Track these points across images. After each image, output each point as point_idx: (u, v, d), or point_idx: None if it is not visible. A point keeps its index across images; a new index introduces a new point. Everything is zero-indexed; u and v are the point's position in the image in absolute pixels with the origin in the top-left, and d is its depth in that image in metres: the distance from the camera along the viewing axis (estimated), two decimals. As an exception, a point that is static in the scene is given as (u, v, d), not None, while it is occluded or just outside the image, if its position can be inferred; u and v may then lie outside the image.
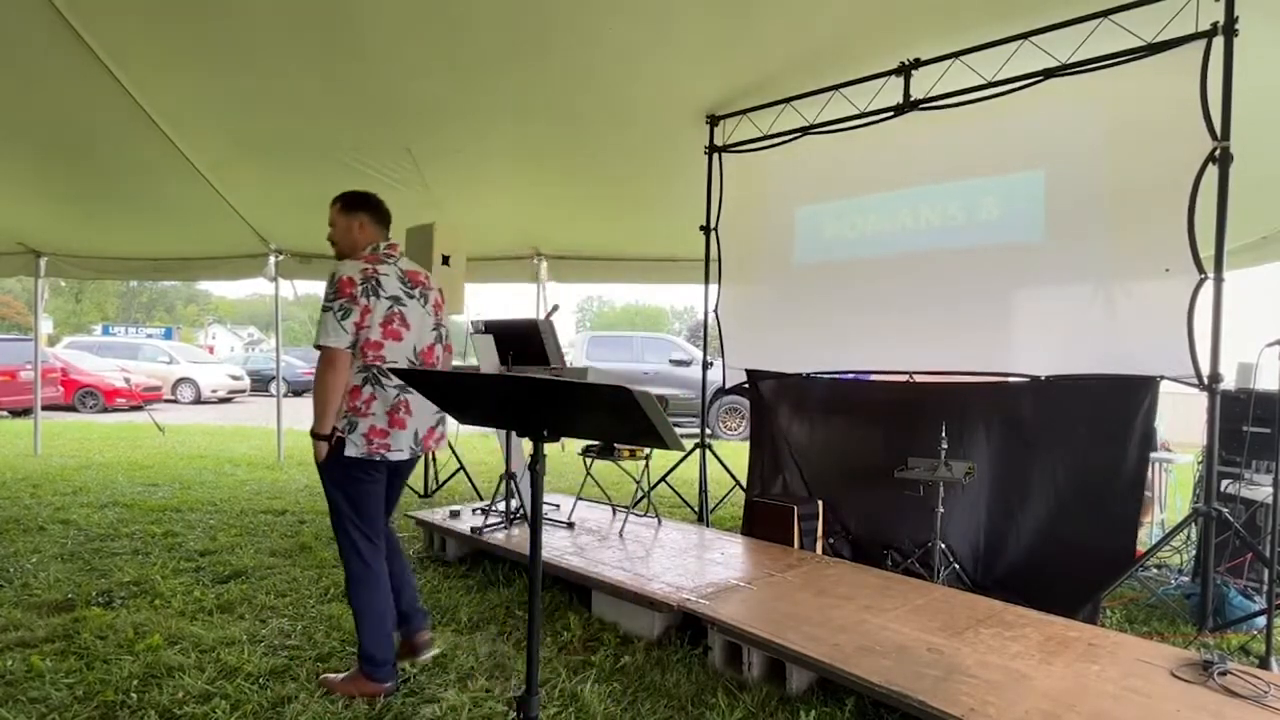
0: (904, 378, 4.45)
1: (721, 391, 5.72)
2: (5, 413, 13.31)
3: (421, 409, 2.70)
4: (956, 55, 4.00)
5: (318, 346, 2.56)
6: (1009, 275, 4.04)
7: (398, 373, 2.63)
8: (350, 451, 2.57)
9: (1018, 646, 2.70)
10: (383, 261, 2.70)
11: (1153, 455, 3.90)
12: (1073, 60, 3.69)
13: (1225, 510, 3.38)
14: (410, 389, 2.65)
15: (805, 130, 4.77)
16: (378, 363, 2.60)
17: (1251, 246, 6.05)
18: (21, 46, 4.33)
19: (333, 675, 2.76)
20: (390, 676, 2.67)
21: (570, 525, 4.47)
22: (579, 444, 5.05)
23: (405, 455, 2.69)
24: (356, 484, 2.64)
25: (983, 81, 3.95)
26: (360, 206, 2.84)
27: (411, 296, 2.73)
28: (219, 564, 4.22)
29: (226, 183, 6.36)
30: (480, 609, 3.55)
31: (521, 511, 4.53)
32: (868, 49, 4.22)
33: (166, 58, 4.56)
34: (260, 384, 20.80)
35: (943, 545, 3.80)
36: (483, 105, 5.04)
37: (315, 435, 2.58)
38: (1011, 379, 4.04)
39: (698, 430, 5.58)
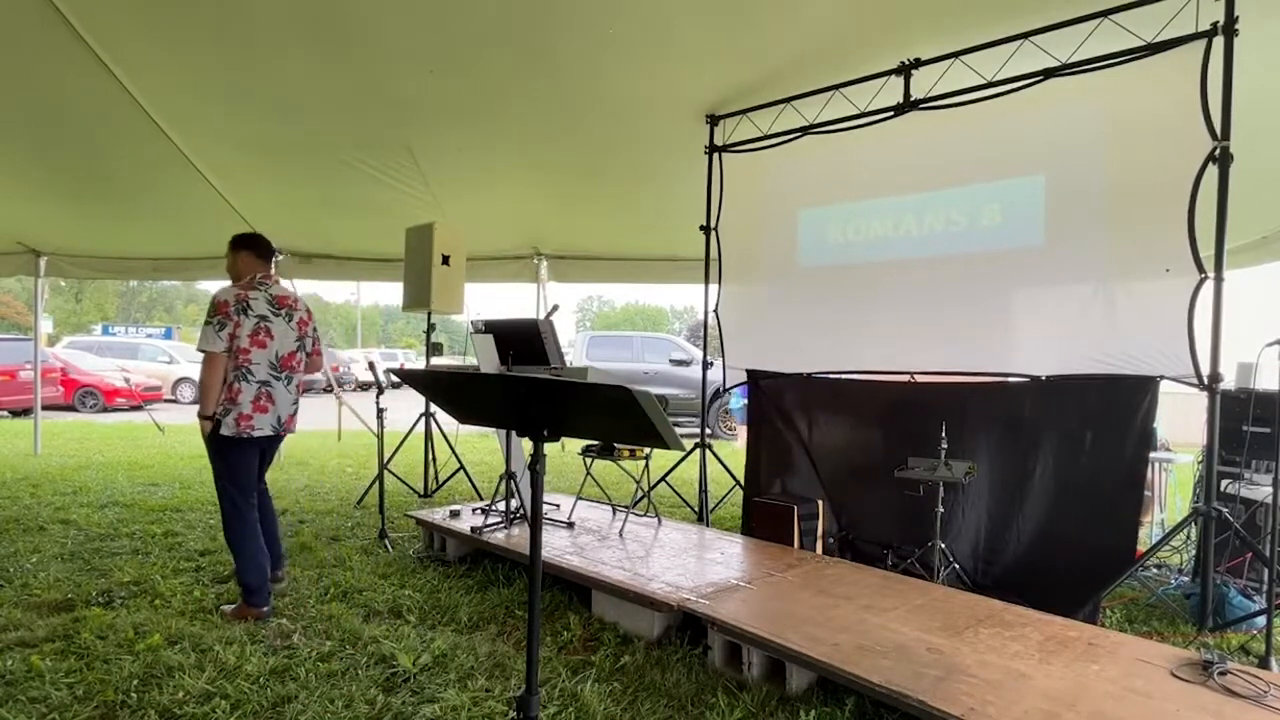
0: (905, 378, 4.45)
1: (721, 391, 5.72)
2: (5, 413, 13.31)
3: (282, 400, 3.51)
4: (956, 55, 4.01)
5: (200, 350, 3.35)
6: (1010, 278, 4.05)
7: (401, 375, 2.67)
8: (225, 431, 3.34)
9: (1017, 646, 2.70)
10: (254, 288, 3.48)
11: (1153, 455, 3.91)
12: (1073, 60, 3.69)
13: (1225, 510, 3.38)
14: (272, 384, 3.46)
15: (805, 130, 4.77)
16: (245, 364, 3.38)
17: (1251, 246, 6.05)
18: (21, 46, 4.33)
19: (227, 607, 3.45)
20: (266, 602, 3.42)
21: (570, 525, 4.47)
22: (579, 444, 5.05)
23: (268, 432, 3.46)
24: (231, 453, 3.41)
25: (983, 81, 3.95)
26: (243, 245, 3.60)
27: (278, 315, 3.51)
28: (219, 564, 4.22)
29: (226, 183, 6.36)
30: (480, 609, 3.55)
31: (521, 511, 4.53)
32: (868, 49, 4.22)
33: (167, 57, 4.57)
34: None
35: (943, 545, 3.80)
36: (483, 105, 5.04)
37: (201, 416, 3.36)
38: (1012, 379, 4.04)
39: (698, 430, 5.58)
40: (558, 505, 4.89)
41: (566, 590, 3.73)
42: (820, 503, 4.49)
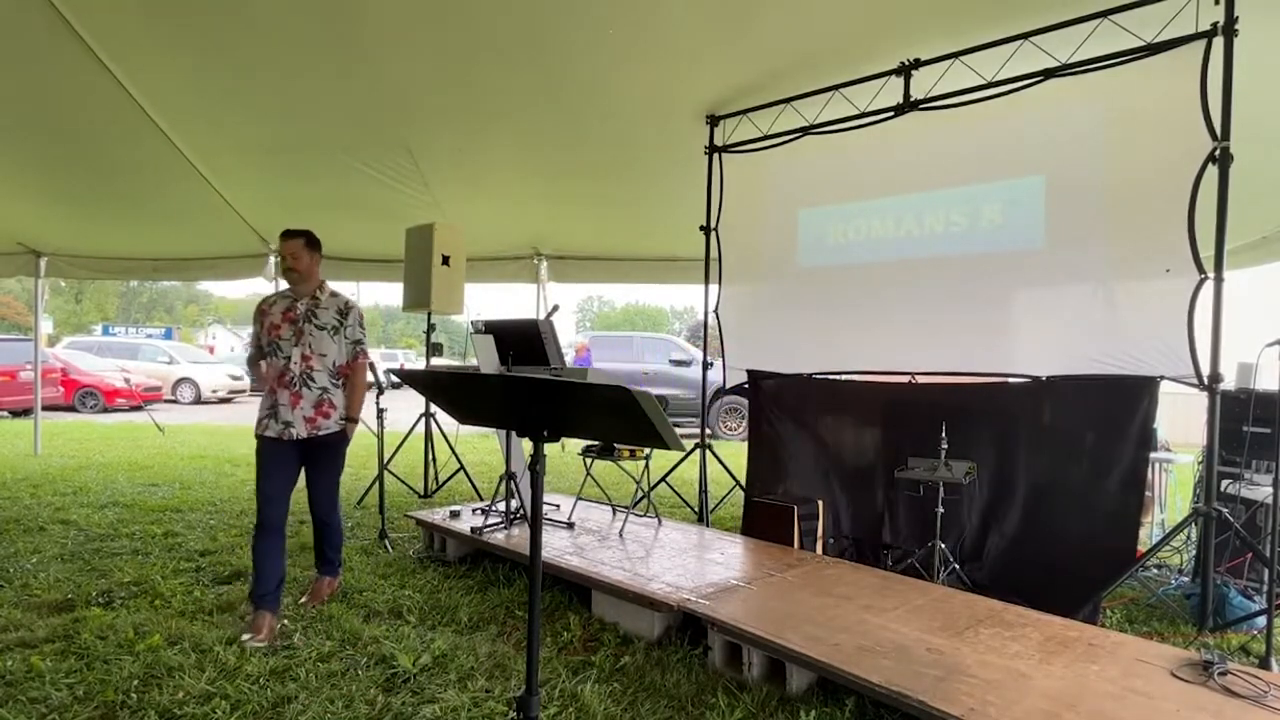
0: (905, 378, 4.45)
1: (721, 391, 5.72)
2: (5, 413, 13.31)
3: None
4: (956, 55, 4.01)
5: (365, 355, 3.59)
6: (1010, 278, 4.05)
7: (401, 375, 2.70)
8: (349, 432, 3.59)
9: (1018, 646, 2.70)
10: None
11: (1153, 455, 3.91)
12: (1073, 60, 3.69)
13: (1225, 510, 3.38)
14: None
15: (805, 130, 4.77)
16: None
17: (1251, 246, 6.05)
18: (21, 46, 4.33)
19: (309, 599, 3.58)
20: None
21: (570, 525, 4.47)
22: (579, 444, 5.05)
23: None
24: None
25: (983, 81, 3.95)
26: (319, 248, 3.54)
27: None
28: (219, 564, 4.22)
29: (226, 183, 6.36)
30: (480, 609, 3.55)
31: (521, 511, 4.53)
32: (868, 49, 4.22)
33: (166, 57, 4.57)
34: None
35: (942, 545, 3.80)
36: (483, 105, 5.04)
37: (354, 419, 3.55)
38: (1012, 380, 4.04)
39: (698, 430, 5.58)
40: (558, 505, 4.89)
41: (566, 590, 3.73)
42: (820, 503, 4.49)
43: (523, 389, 1.84)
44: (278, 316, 3.44)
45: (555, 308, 4.52)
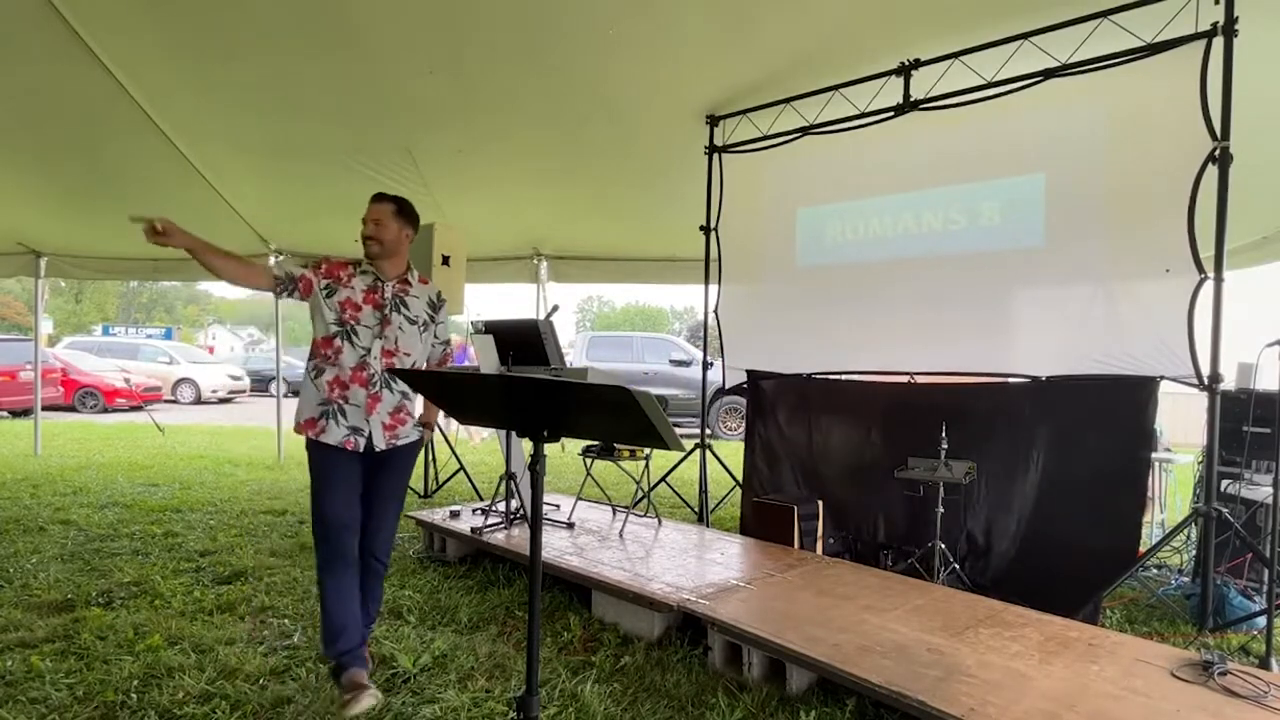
0: (905, 379, 4.45)
1: (721, 391, 5.72)
2: (5, 413, 13.30)
3: None
4: (956, 55, 4.01)
5: (451, 358, 3.05)
6: (1010, 278, 4.05)
7: (401, 375, 2.70)
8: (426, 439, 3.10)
9: (1018, 646, 2.70)
10: None
11: (1153, 455, 3.91)
12: (1073, 60, 3.69)
13: (1225, 510, 3.38)
14: None
15: (805, 130, 4.78)
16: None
17: (1251, 246, 6.04)
18: (20, 47, 4.33)
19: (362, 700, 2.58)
20: None
21: (570, 525, 4.47)
22: (579, 444, 5.05)
23: None
24: None
25: (983, 82, 3.95)
26: (414, 222, 2.86)
27: None
28: (219, 564, 4.21)
29: (226, 183, 6.36)
30: (480, 609, 3.55)
31: (521, 511, 4.53)
32: (868, 49, 4.23)
33: (166, 58, 4.57)
34: (260, 384, 20.79)
35: (943, 545, 3.80)
36: (483, 105, 5.04)
37: (434, 426, 3.01)
38: (1012, 380, 4.04)
39: (698, 430, 5.58)
40: (558, 506, 4.88)
41: (566, 591, 3.73)
42: (820, 503, 4.49)
43: (522, 389, 1.84)
44: (358, 294, 2.72)
45: (555, 308, 4.52)
